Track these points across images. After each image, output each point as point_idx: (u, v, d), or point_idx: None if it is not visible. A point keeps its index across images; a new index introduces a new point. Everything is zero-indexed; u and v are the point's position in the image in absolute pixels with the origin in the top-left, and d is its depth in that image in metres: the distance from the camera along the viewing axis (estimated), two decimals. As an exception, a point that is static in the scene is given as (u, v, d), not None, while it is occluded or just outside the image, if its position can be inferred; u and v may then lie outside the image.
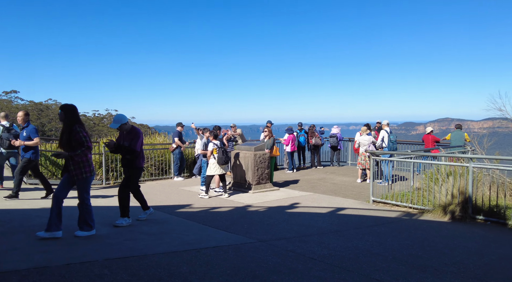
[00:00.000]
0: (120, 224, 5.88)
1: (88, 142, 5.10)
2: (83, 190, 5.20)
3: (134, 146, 5.94)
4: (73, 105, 5.21)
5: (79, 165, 5.06)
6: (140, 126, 42.76)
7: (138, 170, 6.21)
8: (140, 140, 6.03)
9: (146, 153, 11.88)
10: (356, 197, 9.06)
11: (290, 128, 13.89)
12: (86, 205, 5.22)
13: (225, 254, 4.54)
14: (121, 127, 6.03)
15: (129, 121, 6.29)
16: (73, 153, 5.01)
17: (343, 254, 4.67)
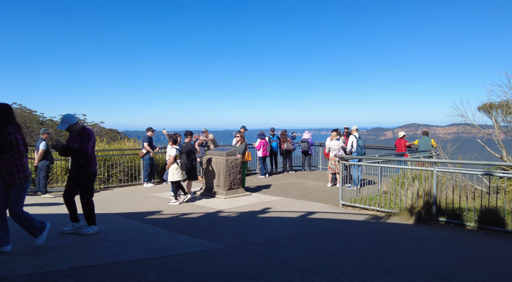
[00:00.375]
0: (87, 232, 5.70)
1: (20, 145, 4.54)
2: (17, 199, 4.59)
3: (85, 148, 5.53)
4: (7, 104, 4.68)
5: (12, 170, 4.51)
6: (110, 131, 41.77)
7: (92, 175, 5.82)
8: (91, 141, 5.63)
9: (115, 159, 11.63)
10: (326, 201, 9.19)
11: (262, 133, 13.97)
12: (18, 217, 4.61)
13: (194, 260, 4.49)
14: (70, 128, 5.55)
15: (79, 122, 5.87)
16: (1, 157, 4.48)
17: (312, 258, 4.72)
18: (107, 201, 9.09)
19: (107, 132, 40.67)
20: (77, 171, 5.68)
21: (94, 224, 5.85)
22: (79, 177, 5.70)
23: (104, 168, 11.24)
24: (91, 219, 5.82)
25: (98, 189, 10.81)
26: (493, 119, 10.18)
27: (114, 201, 9.11)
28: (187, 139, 10.03)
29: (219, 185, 9.93)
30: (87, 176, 5.72)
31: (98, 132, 39.96)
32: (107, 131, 41.25)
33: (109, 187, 11.15)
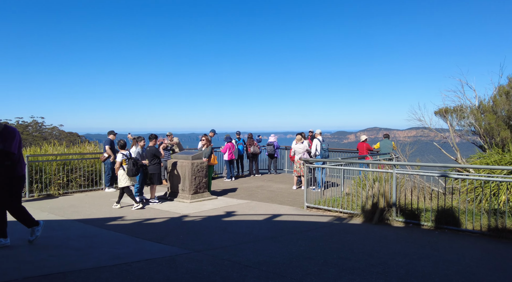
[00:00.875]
0: (37, 233, 5.31)
1: None
2: None
3: (9, 147, 4.90)
4: None
5: None
6: (69, 134, 40.29)
7: (21, 178, 5.18)
8: (16, 140, 5.03)
9: (74, 163, 11.22)
10: (292, 203, 9.30)
11: (228, 137, 13.95)
12: None
13: (158, 266, 4.42)
14: None
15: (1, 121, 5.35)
16: None
17: (277, 260, 4.76)
18: (67, 207, 8.74)
19: (67, 135, 39.22)
20: (4, 176, 4.99)
21: (37, 223, 5.33)
22: (7, 182, 5.02)
23: (63, 173, 10.80)
24: (31, 220, 5.29)
25: (57, 195, 10.38)
26: (449, 123, 10.70)
27: (74, 207, 8.78)
28: (152, 143, 9.86)
29: (184, 189, 9.81)
30: (15, 179, 5.06)
31: (57, 136, 38.43)
32: (67, 135, 39.79)
33: (69, 192, 10.72)
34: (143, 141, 9.95)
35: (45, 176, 10.37)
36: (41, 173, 10.32)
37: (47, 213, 7.98)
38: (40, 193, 10.20)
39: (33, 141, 33.41)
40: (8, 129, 5.05)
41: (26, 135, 36.56)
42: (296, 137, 11.73)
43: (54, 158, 10.97)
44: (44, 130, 39.89)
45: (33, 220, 5.31)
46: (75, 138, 37.35)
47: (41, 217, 7.54)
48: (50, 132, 39.87)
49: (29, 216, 5.28)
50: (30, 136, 36.90)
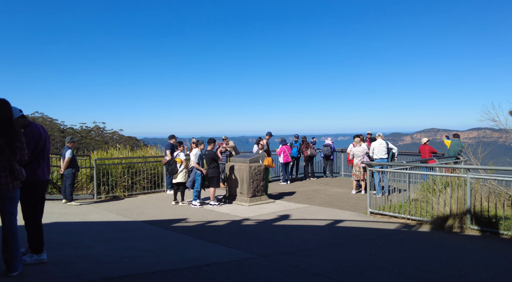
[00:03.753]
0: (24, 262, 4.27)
1: None
2: None
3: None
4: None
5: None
6: (129, 138, 42.31)
7: (29, 185, 4.33)
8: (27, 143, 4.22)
9: (138, 166, 11.69)
10: (353, 208, 8.99)
11: (283, 139, 13.86)
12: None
13: (227, 271, 4.40)
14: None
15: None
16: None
17: (348, 269, 4.57)
18: (132, 208, 9.11)
19: (126, 140, 41.21)
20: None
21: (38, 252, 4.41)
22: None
23: (128, 176, 11.30)
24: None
25: (122, 197, 10.87)
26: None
27: (139, 208, 9.13)
28: (210, 147, 10.02)
29: (242, 192, 9.85)
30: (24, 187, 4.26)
31: (118, 140, 40.50)
32: (126, 139, 41.82)
33: (133, 194, 11.20)
34: (203, 145, 10.15)
35: (111, 178, 10.90)
36: (108, 175, 10.86)
37: (114, 215, 8.34)
38: (107, 195, 10.72)
39: (95, 145, 35.46)
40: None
41: (89, 139, 38.88)
42: (354, 139, 11.37)
43: (119, 161, 11.52)
44: (106, 135, 42.21)
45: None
46: (134, 142, 39.15)
47: (110, 219, 7.92)
48: (111, 136, 42.14)
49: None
50: (93, 140, 39.20)
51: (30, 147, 4.20)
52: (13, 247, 3.87)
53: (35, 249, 4.37)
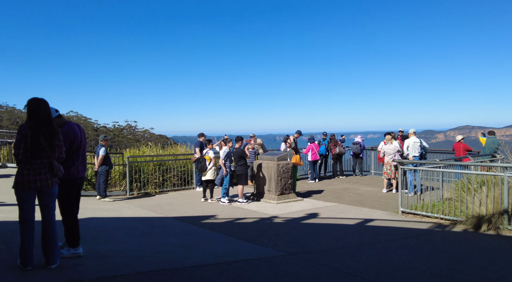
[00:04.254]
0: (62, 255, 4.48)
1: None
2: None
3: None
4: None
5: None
6: (159, 136, 43.23)
7: (64, 182, 4.46)
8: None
9: (169, 163, 11.93)
10: (384, 207, 8.82)
11: (311, 137, 13.76)
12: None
13: (256, 268, 4.43)
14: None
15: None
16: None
17: (378, 269, 4.50)
18: (163, 205, 9.32)
19: (157, 138, 42.13)
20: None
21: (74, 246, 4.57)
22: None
23: (159, 173, 11.57)
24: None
25: (154, 193, 11.14)
26: None
27: (170, 205, 9.33)
28: (238, 145, 10.08)
29: (270, 190, 9.86)
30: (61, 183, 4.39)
31: (149, 138, 41.47)
32: (157, 137, 42.76)
33: (164, 191, 11.45)
34: (231, 143, 10.24)
35: (143, 175, 11.19)
36: (140, 173, 11.15)
37: (147, 211, 8.56)
38: (139, 191, 11.01)
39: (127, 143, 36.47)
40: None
41: (121, 137, 40.04)
42: (385, 137, 11.14)
43: (151, 159, 11.81)
44: (137, 133, 43.35)
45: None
46: (164, 140, 39.93)
47: (142, 214, 8.13)
48: (142, 134, 43.23)
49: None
50: (125, 138, 40.33)
51: (66, 146, 4.37)
52: (52, 240, 4.05)
53: (72, 243, 4.55)
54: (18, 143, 3.86)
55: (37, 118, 3.93)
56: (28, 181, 3.86)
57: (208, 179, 9.92)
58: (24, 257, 3.93)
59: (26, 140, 3.84)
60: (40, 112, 3.96)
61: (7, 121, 25.69)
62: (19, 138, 3.86)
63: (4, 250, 4.64)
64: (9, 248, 4.68)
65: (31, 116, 3.95)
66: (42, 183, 3.92)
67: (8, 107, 28.78)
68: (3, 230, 5.54)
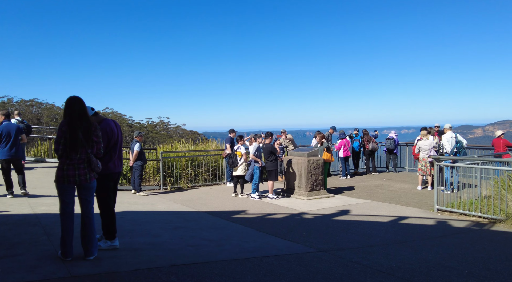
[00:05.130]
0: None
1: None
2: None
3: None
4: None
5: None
6: (191, 132, 43.90)
7: (102, 177, 4.54)
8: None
9: (200, 159, 12.11)
10: (418, 205, 8.59)
11: (343, 133, 13.56)
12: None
13: (287, 263, 4.44)
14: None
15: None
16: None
17: (413, 267, 4.39)
18: (195, 199, 9.49)
19: (188, 134, 42.84)
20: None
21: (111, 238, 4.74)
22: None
23: (191, 168, 11.78)
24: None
25: (186, 188, 11.36)
26: None
27: (202, 199, 9.48)
28: (267, 140, 10.09)
29: (300, 186, 9.82)
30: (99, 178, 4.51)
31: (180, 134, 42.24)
32: (188, 133, 43.46)
33: (196, 186, 11.65)
34: (261, 138, 10.27)
35: (176, 170, 11.43)
36: (173, 168, 11.39)
37: (179, 205, 8.74)
38: (172, 186, 11.26)
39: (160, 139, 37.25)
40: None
41: (155, 133, 40.94)
42: (420, 132, 10.82)
43: (183, 154, 12.04)
44: (170, 129, 44.19)
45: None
46: (195, 136, 40.52)
47: (175, 208, 8.32)
48: (174, 130, 44.03)
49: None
50: (158, 134, 41.20)
51: (103, 142, 4.53)
52: (90, 233, 4.22)
53: (109, 235, 4.72)
54: (58, 139, 4.05)
55: (73, 115, 4.09)
56: (68, 175, 4.03)
57: (239, 174, 10.00)
58: (64, 249, 4.11)
59: (65, 136, 4.01)
60: (75, 109, 4.12)
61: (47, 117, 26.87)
62: (59, 134, 4.04)
63: (46, 241, 4.87)
64: (50, 240, 4.90)
65: (67, 113, 4.12)
66: (81, 177, 4.08)
67: (48, 104, 30.05)
68: (45, 222, 5.80)
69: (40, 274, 3.63)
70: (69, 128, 4.02)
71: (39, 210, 6.70)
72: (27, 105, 25.90)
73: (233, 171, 10.14)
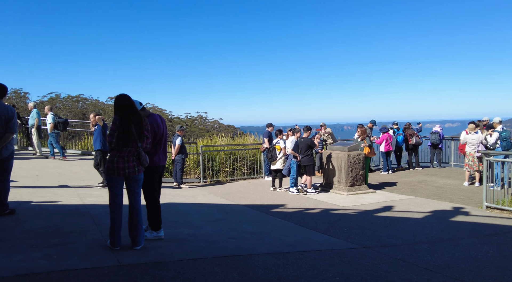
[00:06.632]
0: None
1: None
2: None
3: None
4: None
5: None
6: (228, 127, 44.40)
7: (149, 170, 4.73)
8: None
9: (238, 153, 12.22)
10: (465, 202, 8.23)
11: (385, 127, 13.19)
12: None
13: (330, 259, 4.39)
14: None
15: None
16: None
17: (461, 266, 4.22)
18: (234, 192, 9.60)
19: (225, 128, 43.33)
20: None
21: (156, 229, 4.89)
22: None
23: (230, 162, 11.92)
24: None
25: (225, 181, 11.51)
26: None
27: (240, 193, 9.58)
28: (306, 134, 9.99)
29: (340, 181, 9.67)
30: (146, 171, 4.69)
31: (218, 128, 42.81)
32: (225, 127, 43.96)
33: (234, 179, 11.78)
34: (299, 133, 10.19)
35: (215, 164, 11.60)
36: (212, 161, 11.57)
37: (219, 198, 8.88)
38: (211, 179, 11.46)
39: (199, 133, 37.94)
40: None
41: (193, 128, 41.75)
42: (468, 126, 10.33)
43: (222, 148, 12.21)
44: (207, 123, 44.92)
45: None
46: (232, 130, 40.91)
47: (215, 201, 8.45)
48: (212, 125, 44.69)
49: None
50: (197, 129, 41.97)
51: (150, 137, 4.67)
52: (138, 223, 4.38)
53: (154, 226, 4.87)
54: (112, 132, 4.22)
55: (125, 110, 4.23)
56: (118, 167, 4.19)
57: (277, 168, 10.00)
58: (113, 238, 4.29)
59: (119, 129, 4.17)
60: (126, 105, 4.26)
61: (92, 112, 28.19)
62: (113, 128, 4.21)
63: (96, 231, 5.10)
64: (99, 229, 5.13)
65: (118, 109, 4.27)
66: (130, 170, 4.23)
67: (92, 100, 31.40)
68: (94, 213, 6.08)
69: (92, 262, 3.81)
70: (122, 122, 4.18)
71: (87, 201, 7.02)
72: (73, 101, 27.18)
73: (272, 165, 10.15)
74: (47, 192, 7.52)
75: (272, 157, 10.03)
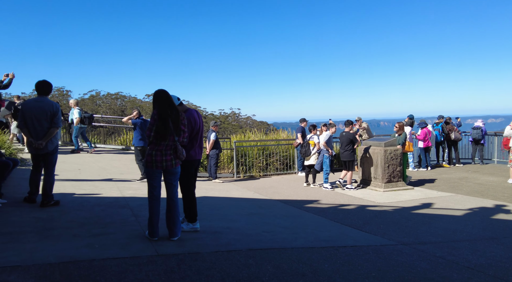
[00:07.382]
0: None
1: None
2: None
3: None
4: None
5: None
6: (260, 123, 44.52)
7: (185, 164, 4.82)
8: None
9: (272, 148, 12.23)
10: (510, 200, 7.84)
11: (424, 122, 12.77)
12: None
13: (365, 254, 4.32)
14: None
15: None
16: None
17: (506, 266, 4.04)
18: (267, 187, 9.62)
19: (258, 124, 43.47)
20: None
21: (192, 221, 4.98)
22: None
23: (263, 157, 11.96)
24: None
25: (258, 176, 11.57)
26: None
27: (274, 188, 9.59)
28: (347, 129, 9.83)
29: (376, 177, 9.47)
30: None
31: (251, 124, 43.01)
32: (258, 123, 44.10)
33: (267, 174, 11.81)
34: (334, 128, 10.06)
35: (248, 159, 11.68)
36: (245, 157, 11.65)
37: (252, 192, 8.93)
38: (244, 174, 11.54)
39: (232, 129, 38.30)
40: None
41: (227, 124, 42.19)
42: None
43: (255, 143, 12.26)
44: (241, 120, 45.23)
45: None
46: (265, 126, 41.00)
47: (248, 196, 8.51)
48: (245, 121, 44.98)
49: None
50: (230, 125, 42.39)
51: (187, 131, 4.77)
52: (175, 215, 4.49)
53: (190, 218, 4.98)
54: (150, 126, 4.35)
55: (163, 105, 4.34)
56: (156, 160, 4.32)
57: (311, 164, 9.93)
58: (151, 229, 4.42)
59: (157, 124, 4.29)
60: (163, 99, 4.37)
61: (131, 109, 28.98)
62: (151, 122, 4.34)
63: (134, 222, 5.27)
64: (138, 221, 5.30)
65: (156, 104, 4.38)
66: (167, 163, 4.35)
67: (130, 97, 32.43)
68: (133, 205, 6.29)
69: (131, 252, 3.94)
70: (160, 117, 4.29)
71: (127, 193, 7.27)
72: (112, 98, 28.15)
73: (305, 160, 10.08)
74: (88, 185, 7.85)
75: (305, 153, 9.96)
